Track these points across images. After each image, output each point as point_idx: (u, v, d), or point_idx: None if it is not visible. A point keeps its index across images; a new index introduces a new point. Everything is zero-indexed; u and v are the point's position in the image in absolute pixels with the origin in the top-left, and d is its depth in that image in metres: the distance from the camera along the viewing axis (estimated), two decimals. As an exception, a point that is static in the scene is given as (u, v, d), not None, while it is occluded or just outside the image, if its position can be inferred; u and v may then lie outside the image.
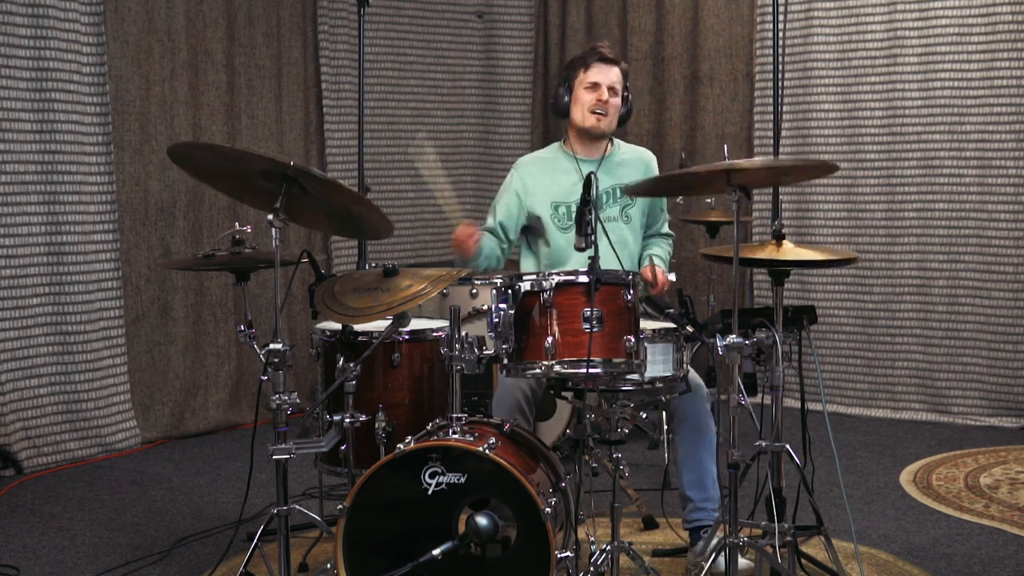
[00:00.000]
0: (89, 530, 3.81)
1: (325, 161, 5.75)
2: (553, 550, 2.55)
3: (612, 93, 3.53)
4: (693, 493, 3.28)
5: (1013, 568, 3.33)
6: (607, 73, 3.53)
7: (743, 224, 2.76)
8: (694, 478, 3.27)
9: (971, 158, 5.25)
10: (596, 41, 4.08)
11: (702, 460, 3.27)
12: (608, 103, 3.52)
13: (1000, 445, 4.84)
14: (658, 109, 6.06)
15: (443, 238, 6.34)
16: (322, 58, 5.70)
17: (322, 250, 5.75)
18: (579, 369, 2.66)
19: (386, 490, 2.65)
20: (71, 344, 4.73)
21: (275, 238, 2.72)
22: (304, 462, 4.16)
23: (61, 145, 4.65)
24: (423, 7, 6.12)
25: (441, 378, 3.18)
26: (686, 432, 3.26)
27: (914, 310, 5.45)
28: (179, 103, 5.14)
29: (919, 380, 5.45)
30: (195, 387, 5.29)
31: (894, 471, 4.43)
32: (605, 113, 3.52)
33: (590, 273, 2.66)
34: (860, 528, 3.66)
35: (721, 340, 2.67)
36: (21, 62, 4.53)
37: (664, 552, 3.41)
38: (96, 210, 4.80)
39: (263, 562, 3.02)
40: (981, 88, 5.19)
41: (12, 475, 4.50)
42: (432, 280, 2.84)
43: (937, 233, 5.36)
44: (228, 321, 5.39)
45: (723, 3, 5.85)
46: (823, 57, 5.54)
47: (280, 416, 2.71)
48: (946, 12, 5.24)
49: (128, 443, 4.92)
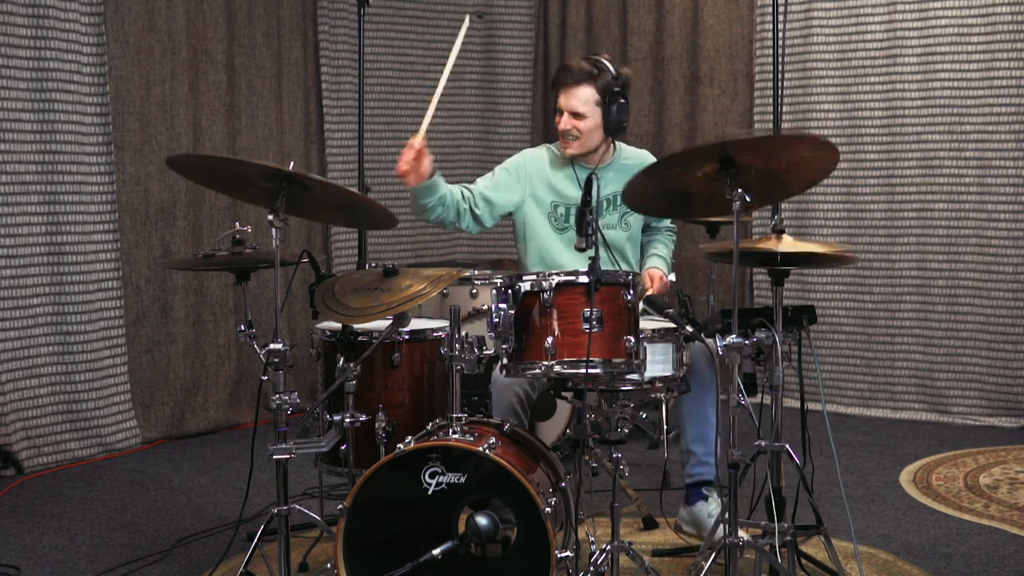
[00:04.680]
0: (89, 530, 3.81)
1: (325, 161, 5.75)
2: (553, 550, 2.55)
3: (577, 117, 3.47)
4: (696, 447, 3.32)
5: (1013, 568, 3.33)
6: (569, 96, 3.47)
7: (743, 224, 2.75)
8: (698, 433, 3.32)
9: (971, 158, 5.25)
10: (599, 43, 4.07)
11: (707, 414, 3.30)
12: (573, 127, 3.48)
13: (1000, 445, 4.84)
14: (658, 109, 6.06)
15: (443, 238, 6.35)
16: (322, 58, 5.70)
17: (322, 250, 5.75)
18: (579, 369, 2.67)
19: (386, 490, 2.65)
20: (71, 344, 4.74)
21: (275, 238, 2.73)
22: (304, 462, 4.16)
23: (61, 145, 4.65)
24: (423, 7, 6.12)
25: (441, 378, 3.18)
26: (695, 384, 3.24)
27: (914, 310, 5.45)
28: (179, 103, 5.14)
29: (919, 380, 5.45)
30: (195, 387, 5.29)
31: (894, 471, 4.44)
32: (573, 138, 3.50)
33: (590, 273, 2.67)
34: (860, 528, 3.66)
35: (721, 340, 2.67)
36: (21, 62, 4.53)
37: (664, 552, 3.41)
38: (96, 210, 4.80)
39: (263, 562, 3.02)
40: (981, 88, 5.19)
41: (12, 475, 4.50)
42: (432, 280, 2.84)
43: (937, 233, 5.36)
44: (228, 321, 5.39)
45: (723, 3, 5.85)
46: (823, 57, 5.55)
47: (280, 416, 2.72)
48: (946, 12, 5.24)
49: (128, 443, 4.92)
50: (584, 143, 3.52)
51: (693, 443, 3.34)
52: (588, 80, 3.47)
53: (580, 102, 3.47)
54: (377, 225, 3.21)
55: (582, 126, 3.48)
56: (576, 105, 3.47)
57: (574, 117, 3.48)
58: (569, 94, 3.48)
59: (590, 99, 3.47)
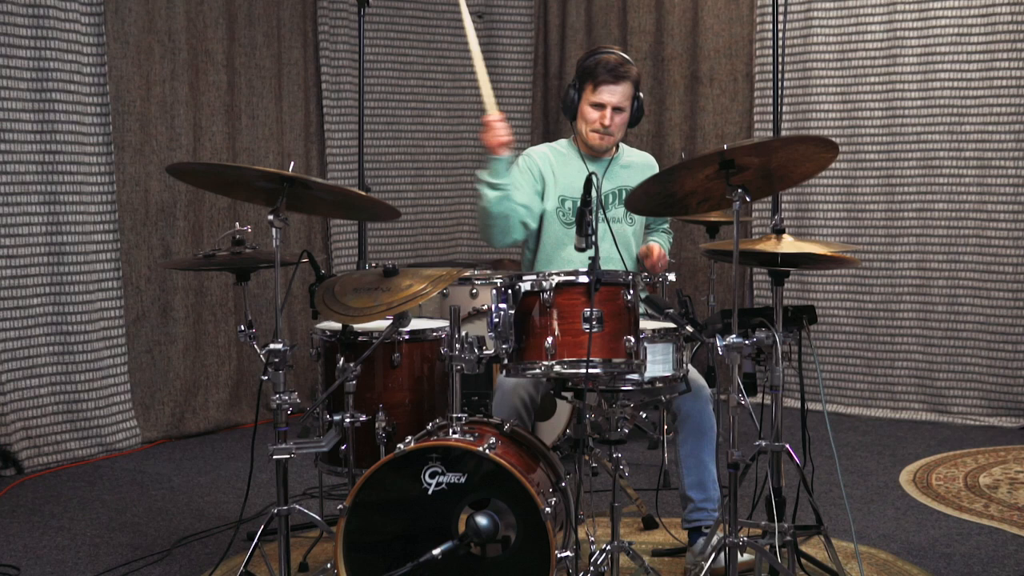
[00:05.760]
0: (90, 530, 3.81)
1: (325, 161, 5.75)
2: (553, 550, 2.55)
3: (617, 112, 3.48)
4: (694, 493, 3.28)
5: (1013, 568, 3.33)
6: (614, 92, 3.46)
7: (743, 224, 2.75)
8: (695, 479, 3.28)
9: (970, 158, 5.25)
10: (599, 43, 4.07)
11: (704, 461, 3.28)
12: (612, 124, 3.48)
13: (1000, 445, 4.84)
14: (658, 109, 6.06)
15: (443, 238, 6.35)
16: (322, 58, 5.70)
17: (322, 250, 5.75)
18: (579, 369, 2.67)
19: (386, 490, 2.66)
20: (71, 344, 4.74)
21: (275, 238, 2.73)
22: (304, 462, 4.16)
23: (61, 145, 4.65)
24: (423, 7, 6.13)
25: (441, 378, 3.18)
26: (688, 433, 3.27)
27: (914, 310, 5.45)
28: (179, 103, 5.14)
29: (919, 380, 5.45)
30: (195, 387, 5.29)
31: (894, 471, 4.44)
32: (608, 133, 3.50)
33: (590, 273, 2.67)
34: (860, 528, 3.67)
35: (721, 340, 2.67)
36: (21, 62, 4.54)
37: (664, 552, 3.42)
38: (96, 210, 4.80)
39: (263, 562, 3.03)
40: (981, 88, 5.19)
41: (12, 475, 4.51)
42: (432, 280, 2.84)
43: (937, 233, 5.37)
44: (228, 321, 5.40)
45: (723, 3, 5.85)
46: (823, 57, 5.55)
47: (280, 416, 2.72)
48: (946, 12, 5.24)
49: (128, 443, 4.92)
50: (617, 139, 3.57)
51: (690, 489, 3.30)
52: (629, 78, 3.50)
53: (624, 97, 3.50)
54: (379, 217, 3.26)
55: (619, 120, 3.52)
56: (621, 100, 3.49)
57: (616, 112, 3.49)
58: (615, 89, 3.48)
59: (629, 95, 3.51)
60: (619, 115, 3.50)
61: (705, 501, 3.28)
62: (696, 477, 3.28)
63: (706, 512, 3.27)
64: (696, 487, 3.28)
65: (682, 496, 3.32)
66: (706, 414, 3.26)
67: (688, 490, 3.29)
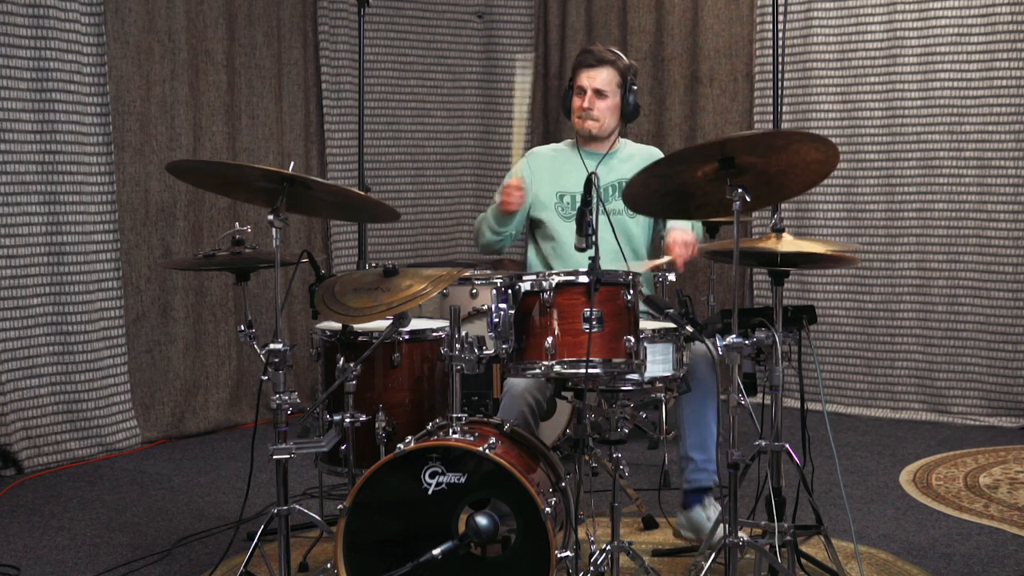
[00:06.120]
0: (89, 530, 3.81)
1: (325, 161, 5.75)
2: (553, 550, 2.55)
3: (599, 95, 3.59)
4: (696, 454, 3.32)
5: (1013, 568, 3.33)
6: (592, 77, 3.59)
7: (743, 223, 2.75)
8: (697, 439, 3.32)
9: (970, 158, 5.25)
10: (595, 41, 4.14)
11: (707, 421, 3.31)
12: (593, 107, 3.58)
13: (1000, 445, 4.84)
14: (658, 109, 6.06)
15: (443, 238, 6.35)
16: (322, 58, 5.70)
17: (322, 250, 5.75)
18: (579, 369, 2.67)
19: (386, 490, 2.66)
20: (71, 344, 4.74)
21: (275, 238, 2.73)
22: (304, 462, 4.16)
23: (61, 145, 4.65)
24: (423, 7, 6.13)
25: (441, 378, 3.18)
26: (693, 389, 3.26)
27: (914, 310, 5.45)
28: (179, 103, 5.14)
29: (919, 380, 5.45)
30: (195, 387, 5.29)
31: (894, 471, 4.44)
32: (589, 117, 3.60)
33: (590, 273, 2.67)
34: (860, 528, 3.67)
35: (721, 340, 2.67)
36: (21, 62, 4.54)
37: (664, 552, 3.42)
38: (96, 210, 4.80)
39: (263, 562, 3.02)
40: (981, 88, 5.19)
41: (12, 475, 4.51)
42: (432, 280, 2.84)
43: (937, 233, 5.37)
44: (228, 321, 5.40)
45: (723, 3, 5.85)
46: (823, 57, 5.55)
47: (280, 416, 2.72)
48: (946, 12, 5.24)
49: (128, 443, 4.92)
50: (603, 124, 3.63)
51: (692, 449, 3.33)
52: (610, 63, 3.61)
53: (603, 81, 3.60)
54: (379, 218, 3.29)
55: (603, 105, 3.60)
56: (602, 84, 3.60)
57: (597, 95, 3.59)
58: (593, 73, 3.60)
59: (612, 80, 3.61)
60: (602, 100, 3.59)
61: (706, 462, 3.32)
62: (698, 437, 3.32)
63: (707, 473, 3.30)
64: (697, 447, 3.32)
65: (683, 456, 3.36)
66: (711, 376, 3.28)
67: (690, 450, 3.33)
